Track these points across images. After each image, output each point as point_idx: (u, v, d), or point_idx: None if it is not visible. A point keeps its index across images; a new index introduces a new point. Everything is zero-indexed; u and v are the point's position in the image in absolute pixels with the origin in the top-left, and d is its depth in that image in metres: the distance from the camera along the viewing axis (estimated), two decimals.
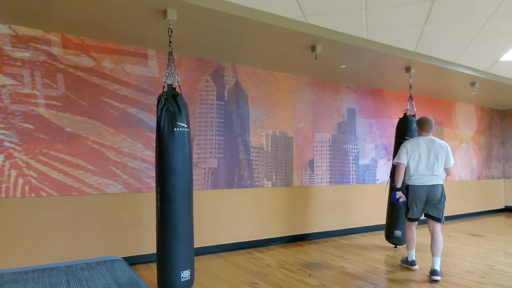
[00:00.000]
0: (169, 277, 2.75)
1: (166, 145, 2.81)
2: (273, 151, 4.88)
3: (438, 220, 3.38)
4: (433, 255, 3.35)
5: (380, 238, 5.14)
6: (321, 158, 5.32)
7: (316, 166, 5.27)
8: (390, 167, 6.06)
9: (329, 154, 5.40)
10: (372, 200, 5.77)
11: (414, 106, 4.71)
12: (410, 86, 4.87)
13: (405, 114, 4.62)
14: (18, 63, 3.35)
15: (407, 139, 4.34)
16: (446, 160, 3.41)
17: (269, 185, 4.80)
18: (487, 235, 5.36)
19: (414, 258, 3.62)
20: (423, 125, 3.54)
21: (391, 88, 6.07)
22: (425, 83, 5.66)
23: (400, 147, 3.59)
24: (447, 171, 3.45)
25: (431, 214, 3.41)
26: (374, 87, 5.98)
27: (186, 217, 2.87)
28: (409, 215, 3.52)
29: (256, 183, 4.69)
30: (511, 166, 8.08)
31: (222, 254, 4.22)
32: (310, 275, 3.40)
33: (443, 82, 5.63)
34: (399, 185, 3.58)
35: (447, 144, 3.48)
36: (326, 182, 5.35)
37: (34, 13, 3.07)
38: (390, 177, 3.84)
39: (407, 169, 3.51)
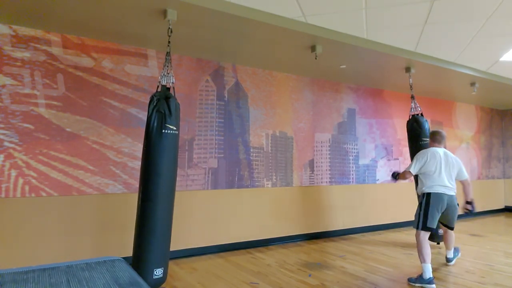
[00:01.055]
0: (141, 273, 2.80)
1: (153, 146, 2.86)
2: (273, 151, 4.88)
3: (452, 228, 3.64)
4: (447, 248, 3.80)
5: (380, 238, 5.14)
6: (321, 158, 5.32)
7: (316, 166, 5.27)
8: (390, 167, 6.08)
9: (329, 154, 5.40)
10: (372, 200, 5.77)
11: (418, 105, 4.72)
12: (411, 86, 4.86)
13: (413, 115, 4.62)
14: (18, 63, 3.35)
15: (426, 140, 4.39)
16: (460, 173, 3.49)
17: (269, 185, 4.80)
18: (487, 235, 5.36)
19: (431, 276, 3.13)
20: (436, 137, 3.58)
21: (391, 88, 6.07)
22: (425, 83, 5.66)
23: (416, 156, 3.54)
24: (465, 182, 3.54)
25: (449, 225, 3.59)
26: (374, 87, 5.98)
27: (165, 217, 2.92)
28: (428, 224, 3.29)
29: (256, 183, 4.69)
30: (511, 166, 8.08)
31: (222, 254, 4.22)
32: (310, 275, 3.40)
33: (443, 82, 5.63)
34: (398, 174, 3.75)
35: (458, 159, 3.54)
36: (326, 182, 5.35)
37: (34, 13, 3.07)
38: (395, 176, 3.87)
39: (426, 178, 3.43)
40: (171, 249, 3.90)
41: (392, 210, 5.98)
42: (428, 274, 3.11)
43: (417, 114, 4.64)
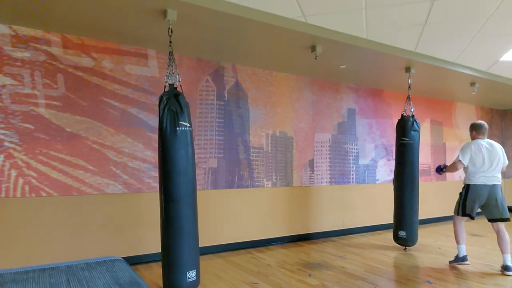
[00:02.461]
0: (175, 277, 2.74)
1: (169, 145, 2.80)
2: (273, 151, 4.88)
3: (503, 220, 3.54)
4: (502, 252, 3.55)
5: (380, 238, 5.14)
6: (321, 158, 5.32)
7: (316, 166, 5.27)
8: (390, 167, 6.07)
9: (329, 154, 5.40)
10: (372, 200, 5.77)
11: (412, 106, 4.69)
12: (409, 87, 4.86)
13: (402, 114, 4.62)
14: (18, 63, 3.35)
15: (405, 140, 4.40)
16: (504, 162, 3.70)
17: (269, 185, 4.80)
18: (487, 235, 5.35)
19: (465, 254, 3.71)
20: (479, 129, 3.78)
21: (391, 88, 6.07)
22: (425, 83, 5.66)
23: (463, 148, 3.75)
24: (502, 170, 3.72)
25: (496, 216, 3.56)
26: (374, 87, 5.98)
27: (190, 216, 2.86)
28: (467, 211, 3.66)
29: (256, 183, 4.69)
30: (511, 166, 8.08)
31: (222, 254, 4.22)
32: (310, 275, 3.40)
33: (443, 82, 5.63)
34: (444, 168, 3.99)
35: (501, 146, 3.78)
36: (326, 182, 5.35)
37: (34, 13, 3.07)
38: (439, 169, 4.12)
39: (468, 169, 3.70)
40: None
41: (392, 210, 5.97)
42: (462, 253, 3.71)
43: (406, 115, 4.56)
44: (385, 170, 6.03)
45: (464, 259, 3.71)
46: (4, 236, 3.20)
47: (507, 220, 3.53)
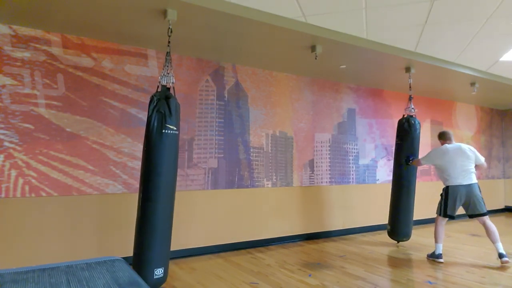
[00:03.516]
0: (142, 273, 2.80)
1: (154, 146, 2.86)
2: (273, 151, 4.88)
3: (482, 215, 3.83)
4: (493, 242, 3.80)
5: (380, 238, 5.14)
6: (321, 158, 5.32)
7: (316, 166, 5.26)
8: (390, 167, 6.07)
9: (329, 154, 5.40)
10: (372, 200, 5.77)
11: (413, 107, 4.74)
12: (410, 86, 4.87)
13: (403, 115, 4.70)
14: (18, 63, 3.35)
15: (399, 142, 4.68)
16: (476, 159, 3.98)
17: (269, 185, 4.80)
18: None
19: (441, 252, 3.96)
20: (444, 136, 4.19)
21: (391, 88, 6.07)
22: (425, 83, 5.66)
23: (430, 152, 4.21)
24: (482, 166, 4.04)
25: (475, 212, 3.85)
26: (374, 87, 5.97)
27: (165, 217, 2.92)
28: (448, 212, 3.94)
29: (256, 183, 4.69)
30: (511, 166, 8.08)
31: (222, 254, 4.22)
32: (310, 275, 3.40)
33: (443, 82, 5.63)
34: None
35: (470, 146, 4.04)
36: (326, 182, 5.35)
37: (34, 13, 3.07)
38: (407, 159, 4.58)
39: (443, 173, 4.03)
40: (171, 249, 3.90)
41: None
42: (438, 251, 3.95)
43: (412, 116, 4.69)
44: (385, 170, 6.03)
45: (439, 256, 3.93)
46: (4, 236, 3.20)
47: (485, 214, 3.84)
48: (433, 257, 3.96)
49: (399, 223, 4.63)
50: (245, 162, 4.62)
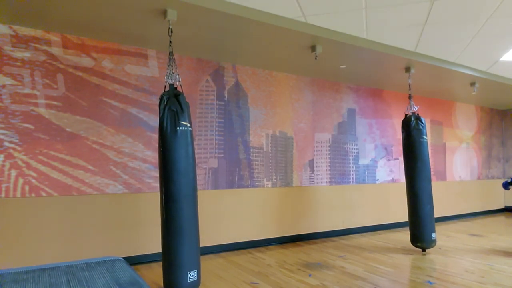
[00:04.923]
0: (175, 278, 2.74)
1: (169, 145, 2.80)
2: (273, 151, 4.88)
3: None
4: None
5: (380, 238, 5.14)
6: (321, 158, 5.32)
7: (316, 166, 5.27)
8: (390, 167, 6.07)
9: (329, 154, 5.40)
10: (372, 200, 5.77)
11: (413, 105, 4.68)
12: (410, 86, 4.86)
13: (406, 114, 4.64)
14: (18, 63, 3.35)
15: (424, 138, 4.34)
16: None
17: (269, 185, 4.80)
18: (487, 235, 5.36)
19: None
20: None
21: (391, 88, 6.07)
22: (425, 83, 5.66)
23: None
24: None
25: None
26: (374, 87, 5.98)
27: (191, 216, 2.85)
28: None
29: (256, 183, 4.69)
30: (511, 166, 8.08)
31: (222, 254, 4.22)
32: (310, 275, 3.40)
33: (443, 82, 5.63)
34: None
35: None
36: (326, 182, 5.35)
37: (34, 13, 3.07)
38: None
39: None
40: None
41: (392, 210, 5.98)
42: None
43: (416, 114, 4.58)
44: (385, 170, 6.03)
45: None
46: (4, 236, 3.20)
47: None
48: None
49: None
50: (245, 162, 4.62)
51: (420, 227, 4.19)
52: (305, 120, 5.19)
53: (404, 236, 5.32)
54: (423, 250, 4.28)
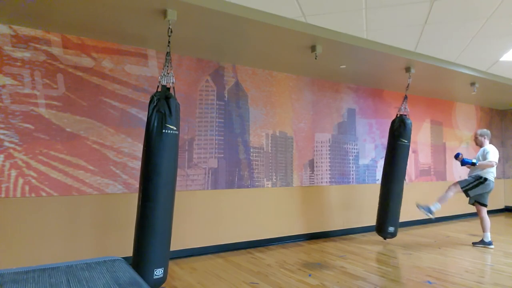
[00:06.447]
0: (142, 274, 2.80)
1: (154, 146, 2.86)
2: (273, 151, 4.88)
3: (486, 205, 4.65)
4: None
5: (380, 238, 5.14)
6: (321, 158, 5.32)
7: (316, 166, 5.26)
8: None
9: (329, 154, 5.40)
10: (372, 200, 5.76)
11: (406, 107, 4.83)
12: (407, 87, 4.88)
13: (397, 114, 4.75)
14: (18, 63, 3.35)
15: (403, 142, 4.60)
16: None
17: (269, 185, 4.80)
18: None
19: (490, 239, 4.63)
20: (489, 136, 5.04)
21: (391, 88, 6.07)
22: (425, 83, 5.66)
23: (495, 150, 4.74)
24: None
25: (486, 202, 4.67)
26: (374, 87, 5.97)
27: (165, 217, 2.92)
28: (486, 202, 4.67)
29: (256, 183, 4.69)
30: (511, 166, 8.08)
31: (222, 254, 4.22)
32: (310, 275, 3.40)
33: (443, 82, 5.63)
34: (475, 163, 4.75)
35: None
36: (326, 182, 5.35)
37: (34, 13, 3.07)
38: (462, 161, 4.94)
39: (493, 167, 4.63)
40: (171, 249, 3.90)
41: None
42: (488, 239, 4.60)
43: (405, 115, 4.74)
44: None
45: (490, 243, 4.59)
46: (4, 236, 3.20)
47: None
48: (485, 244, 4.58)
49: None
50: (245, 162, 4.62)
51: (383, 220, 4.84)
52: (305, 120, 5.19)
53: (404, 236, 5.32)
54: (384, 239, 4.94)
